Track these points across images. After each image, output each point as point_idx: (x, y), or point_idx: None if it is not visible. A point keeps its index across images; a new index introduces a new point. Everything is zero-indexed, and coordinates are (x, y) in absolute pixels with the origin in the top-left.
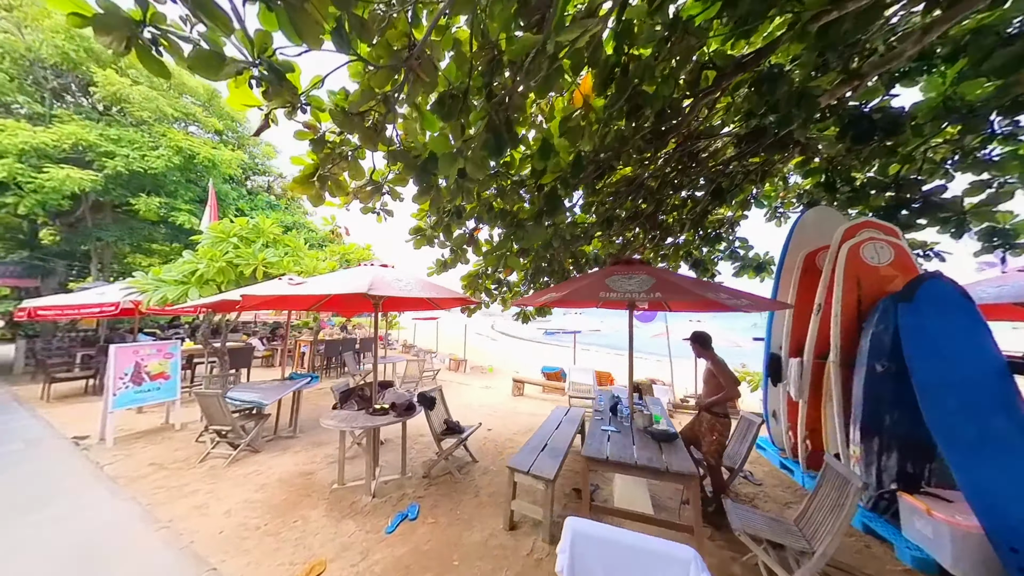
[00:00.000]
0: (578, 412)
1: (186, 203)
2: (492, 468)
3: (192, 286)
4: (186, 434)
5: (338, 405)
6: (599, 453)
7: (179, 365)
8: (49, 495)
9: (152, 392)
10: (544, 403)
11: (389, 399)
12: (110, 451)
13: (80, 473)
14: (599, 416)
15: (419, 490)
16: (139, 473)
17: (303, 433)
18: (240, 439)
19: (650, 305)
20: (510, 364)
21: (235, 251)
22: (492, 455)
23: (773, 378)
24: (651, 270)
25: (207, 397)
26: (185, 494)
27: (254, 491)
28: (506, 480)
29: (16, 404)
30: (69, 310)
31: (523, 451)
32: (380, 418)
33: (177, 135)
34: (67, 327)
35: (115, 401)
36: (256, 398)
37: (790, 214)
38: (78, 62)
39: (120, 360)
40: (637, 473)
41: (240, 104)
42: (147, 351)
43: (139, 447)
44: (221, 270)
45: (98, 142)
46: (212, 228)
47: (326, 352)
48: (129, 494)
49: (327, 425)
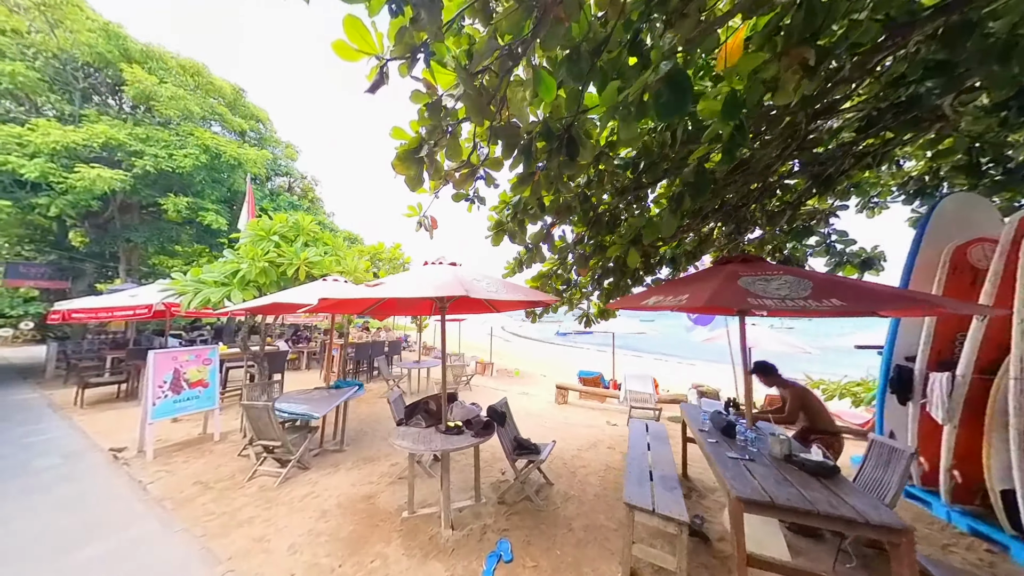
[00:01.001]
0: (660, 428)
1: (212, 203)
2: (573, 493)
3: (234, 288)
4: (226, 446)
5: (404, 421)
6: (758, 494)
7: (218, 372)
8: (95, 523)
9: (191, 401)
10: (593, 412)
11: (458, 415)
12: (151, 466)
13: (124, 496)
14: (712, 440)
15: (499, 519)
16: (184, 494)
17: (349, 446)
18: (289, 455)
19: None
20: (535, 367)
21: (276, 250)
22: (566, 476)
23: (900, 395)
24: (787, 269)
25: (256, 409)
26: (240, 522)
27: (316, 519)
28: (596, 509)
29: (51, 411)
30: (103, 312)
31: (631, 481)
32: (459, 439)
33: (204, 134)
34: (96, 329)
35: (154, 411)
36: (306, 410)
37: (888, 203)
38: (111, 61)
39: (159, 367)
40: (819, 523)
41: (349, 51)
42: (185, 357)
43: (179, 461)
44: (263, 271)
45: (127, 141)
46: (251, 226)
47: (356, 355)
48: (180, 522)
49: (401, 447)
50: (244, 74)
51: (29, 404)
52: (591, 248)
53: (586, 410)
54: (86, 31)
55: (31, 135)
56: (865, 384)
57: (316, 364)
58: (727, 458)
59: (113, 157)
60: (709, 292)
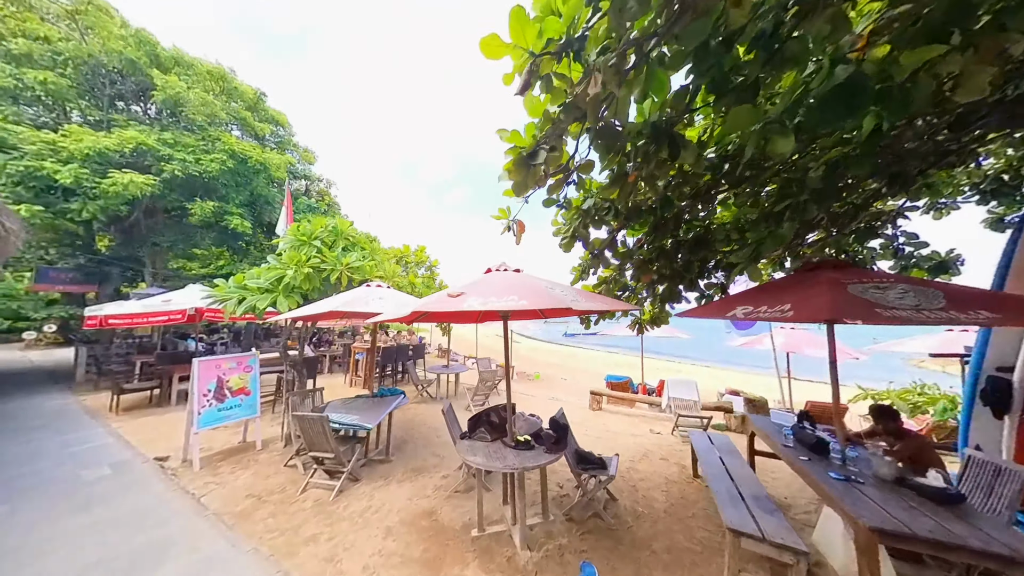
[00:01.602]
0: (725, 441)
1: (237, 206)
2: (641, 510)
3: (279, 294)
4: (270, 456)
5: (468, 434)
6: (892, 524)
7: (259, 379)
8: (162, 542)
9: (234, 410)
10: (632, 420)
11: (522, 428)
12: (200, 477)
13: (182, 511)
14: (803, 458)
15: (572, 538)
16: (240, 508)
17: (395, 455)
18: (340, 467)
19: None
20: (551, 370)
21: (318, 256)
22: (627, 490)
23: (997, 407)
24: (888, 275)
25: (309, 420)
26: (304, 539)
27: (382, 537)
28: (671, 528)
29: (88, 418)
30: (139, 318)
31: (725, 503)
32: (532, 455)
33: (230, 138)
34: (124, 333)
35: (200, 420)
36: (356, 421)
37: (959, 204)
38: (141, 67)
39: (203, 375)
40: (969, 558)
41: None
42: (228, 365)
43: (226, 471)
44: (308, 277)
45: (156, 146)
46: (292, 231)
47: (382, 360)
48: (248, 541)
49: (475, 463)
50: (260, 77)
51: (65, 410)
52: (651, 253)
53: (623, 417)
54: (116, 38)
55: (64, 141)
56: (928, 394)
57: (338, 368)
58: (832, 479)
59: (142, 162)
60: (826, 301)
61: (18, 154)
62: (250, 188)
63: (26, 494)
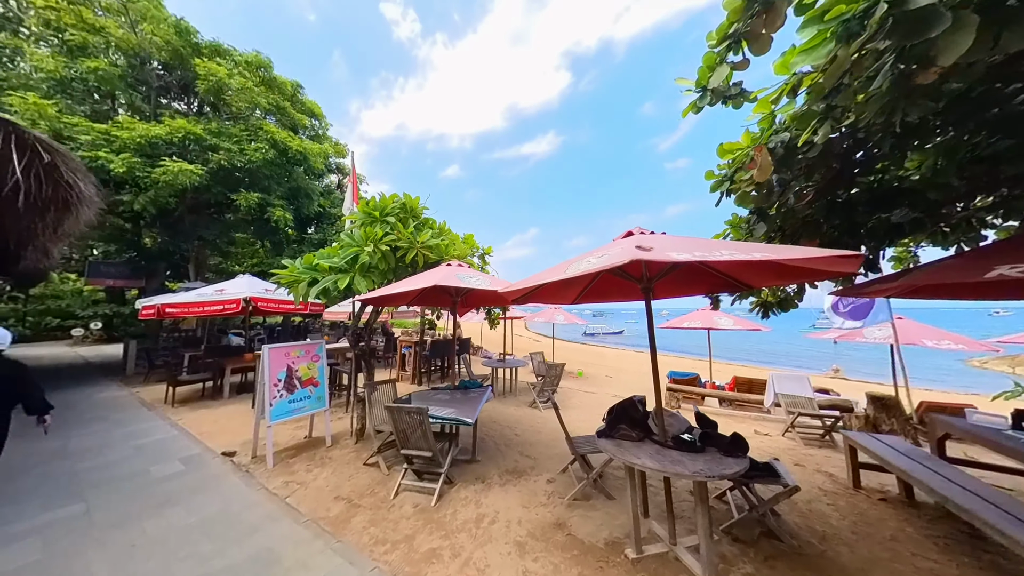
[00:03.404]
0: (907, 446)
1: (279, 198)
2: (820, 529)
3: (356, 274)
4: (343, 453)
5: (608, 433)
6: None
7: (326, 369)
8: (264, 556)
9: (304, 402)
10: (725, 420)
11: (673, 425)
12: (276, 475)
13: (274, 514)
14: None
15: (758, 565)
16: (333, 512)
17: (481, 455)
18: (432, 467)
19: None
20: (590, 368)
21: (394, 233)
22: (783, 504)
23: None
24: None
25: (407, 413)
26: (424, 555)
27: (517, 554)
28: (877, 556)
29: (146, 410)
30: (194, 307)
31: (1006, 529)
32: (718, 460)
33: (271, 127)
34: (169, 327)
35: (272, 413)
36: (453, 414)
37: None
38: (184, 57)
39: (274, 363)
40: None
41: None
42: (296, 352)
43: (302, 469)
44: (384, 256)
45: (204, 135)
46: (362, 206)
47: (431, 354)
48: (360, 556)
49: (644, 466)
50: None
51: (122, 402)
52: (820, 212)
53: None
54: (162, 26)
55: (117, 131)
56: None
57: (378, 364)
58: None
59: (188, 154)
60: None
61: (74, 145)
62: (291, 179)
63: (100, 490)
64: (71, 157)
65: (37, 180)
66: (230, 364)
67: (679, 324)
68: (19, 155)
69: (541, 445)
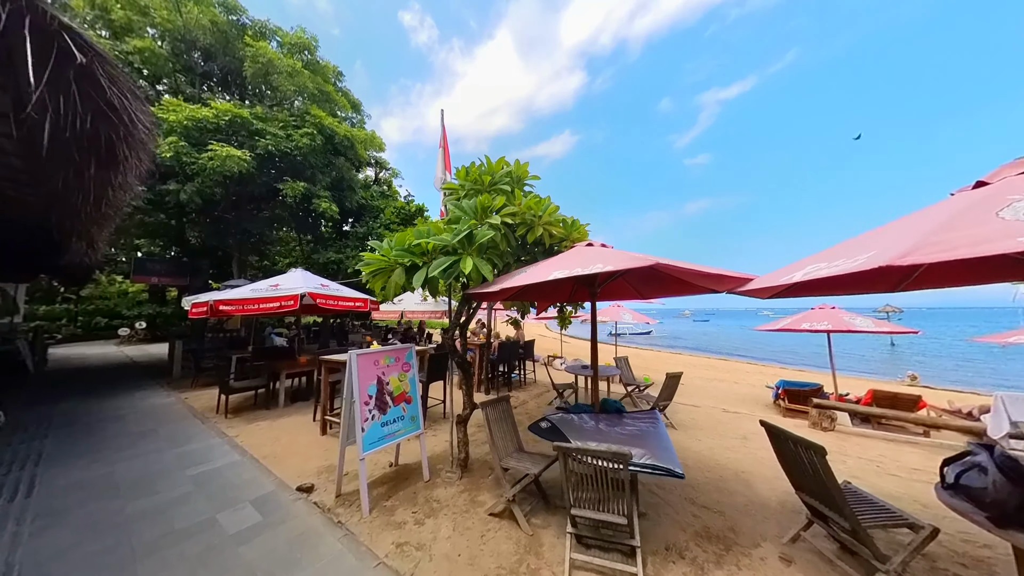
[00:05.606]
0: None
1: (324, 188)
2: None
3: (472, 255)
4: (449, 492)
5: (952, 486)
6: None
7: (417, 381)
8: None
9: (398, 423)
10: (897, 448)
11: None
12: (379, 529)
13: None
14: None
15: None
16: None
17: (645, 512)
18: (620, 535)
19: None
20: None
21: (513, 206)
22: None
23: None
24: None
25: (598, 458)
26: None
27: None
28: None
29: (198, 423)
30: (249, 304)
31: None
32: None
33: (319, 111)
34: (214, 327)
35: (364, 439)
36: (649, 458)
37: None
38: (230, 38)
39: (363, 374)
40: None
41: None
42: (386, 360)
43: (408, 519)
44: (505, 236)
45: (251, 119)
46: (462, 175)
47: (498, 358)
48: None
49: None
50: None
51: (171, 411)
52: None
53: (880, 443)
54: (209, 10)
55: (163, 113)
56: None
57: None
58: None
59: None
60: None
61: None
62: (335, 169)
63: (155, 556)
64: (113, 64)
65: (68, 99)
66: (284, 369)
67: (795, 326)
68: (36, 49)
69: (710, 488)
